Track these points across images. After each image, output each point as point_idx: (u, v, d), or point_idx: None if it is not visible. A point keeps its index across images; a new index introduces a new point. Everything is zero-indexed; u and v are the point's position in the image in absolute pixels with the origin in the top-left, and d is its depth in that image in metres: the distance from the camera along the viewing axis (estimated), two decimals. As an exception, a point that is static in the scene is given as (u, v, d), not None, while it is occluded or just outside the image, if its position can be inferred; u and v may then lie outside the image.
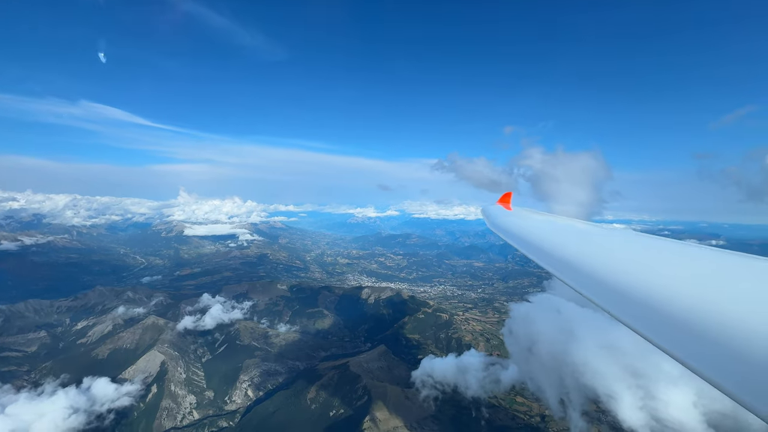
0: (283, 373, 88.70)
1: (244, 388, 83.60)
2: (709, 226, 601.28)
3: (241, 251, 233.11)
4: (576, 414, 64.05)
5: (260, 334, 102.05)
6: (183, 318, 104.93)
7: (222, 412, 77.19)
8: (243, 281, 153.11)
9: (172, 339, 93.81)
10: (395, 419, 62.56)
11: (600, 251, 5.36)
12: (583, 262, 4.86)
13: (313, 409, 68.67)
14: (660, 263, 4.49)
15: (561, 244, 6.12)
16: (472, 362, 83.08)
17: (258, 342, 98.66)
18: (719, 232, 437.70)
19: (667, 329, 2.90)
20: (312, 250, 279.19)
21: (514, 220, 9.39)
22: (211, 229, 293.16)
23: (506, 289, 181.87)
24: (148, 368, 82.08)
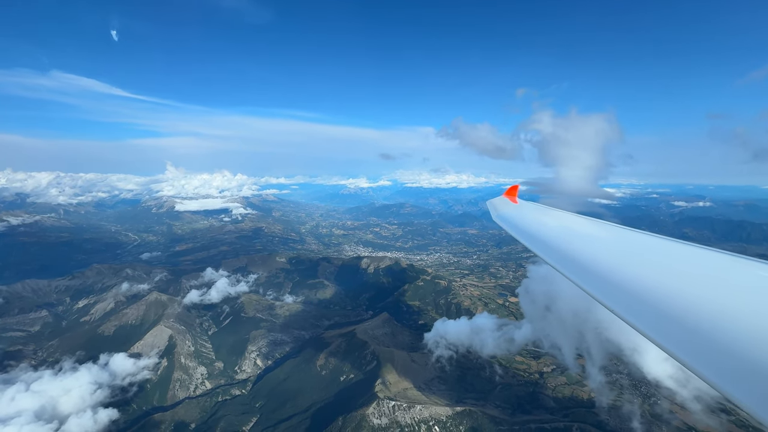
0: (290, 342, 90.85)
1: (253, 358, 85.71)
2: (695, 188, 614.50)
3: (235, 225, 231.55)
4: (595, 369, 67.43)
5: (264, 306, 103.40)
6: (186, 293, 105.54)
7: (233, 381, 79.42)
8: (241, 255, 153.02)
9: (177, 313, 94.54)
10: (404, 381, 65.32)
11: (601, 248, 5.66)
12: (585, 259, 5.14)
13: (324, 375, 71.08)
14: (660, 263, 4.77)
15: (564, 240, 6.33)
16: (486, 323, 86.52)
17: (262, 314, 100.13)
18: (704, 194, 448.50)
19: (666, 327, 3.10)
20: (306, 222, 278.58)
21: (519, 213, 9.44)
22: (202, 204, 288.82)
23: (500, 255, 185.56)
24: (156, 343, 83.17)
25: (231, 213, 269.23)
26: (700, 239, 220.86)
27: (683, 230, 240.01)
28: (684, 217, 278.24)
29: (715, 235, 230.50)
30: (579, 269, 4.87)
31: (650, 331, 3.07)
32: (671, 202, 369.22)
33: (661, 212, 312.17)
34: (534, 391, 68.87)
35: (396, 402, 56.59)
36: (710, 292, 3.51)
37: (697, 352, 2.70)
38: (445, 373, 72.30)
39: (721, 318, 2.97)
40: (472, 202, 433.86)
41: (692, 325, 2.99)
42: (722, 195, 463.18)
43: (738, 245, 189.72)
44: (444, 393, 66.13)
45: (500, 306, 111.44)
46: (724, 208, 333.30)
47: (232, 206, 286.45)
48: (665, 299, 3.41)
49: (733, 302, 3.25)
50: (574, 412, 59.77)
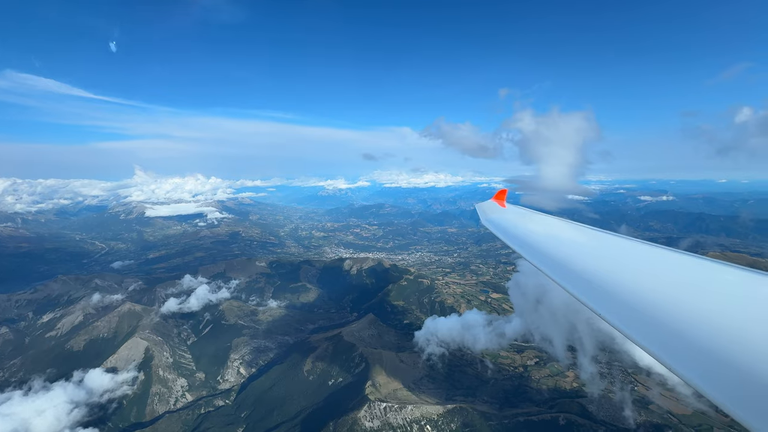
0: (274, 348, 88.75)
1: (236, 367, 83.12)
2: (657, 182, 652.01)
3: (211, 230, 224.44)
4: (586, 359, 69.32)
5: (246, 312, 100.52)
6: (163, 302, 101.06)
7: (216, 391, 76.65)
8: (219, 261, 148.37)
9: (153, 324, 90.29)
10: (394, 382, 65.10)
11: (584, 252, 5.88)
12: (569, 262, 5.38)
13: (311, 380, 69.78)
14: (645, 268, 4.91)
15: (549, 244, 6.47)
16: (477, 319, 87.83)
17: (244, 320, 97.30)
18: (666, 189, 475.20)
19: (650, 331, 3.27)
20: (285, 225, 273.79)
21: (507, 217, 9.74)
22: (175, 209, 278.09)
23: (480, 252, 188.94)
24: (132, 356, 79.09)
25: (206, 217, 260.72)
26: (664, 231, 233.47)
27: (649, 223, 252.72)
28: (649, 211, 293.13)
29: (677, 227, 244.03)
30: (564, 272, 5.08)
31: (637, 335, 3.24)
32: (637, 197, 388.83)
33: (629, 207, 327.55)
34: (520, 385, 70.33)
35: (387, 403, 56.28)
36: (684, 294, 3.83)
37: (673, 350, 2.94)
38: (434, 372, 72.66)
39: (694, 317, 3.27)
40: (450, 201, 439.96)
41: (669, 325, 3.24)
42: (683, 189, 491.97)
43: (698, 236, 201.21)
44: (433, 391, 66.43)
45: (483, 302, 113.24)
46: (684, 201, 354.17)
47: (207, 210, 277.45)
48: (651, 304, 3.62)
49: (705, 303, 3.61)
50: (560, 403, 61.42)
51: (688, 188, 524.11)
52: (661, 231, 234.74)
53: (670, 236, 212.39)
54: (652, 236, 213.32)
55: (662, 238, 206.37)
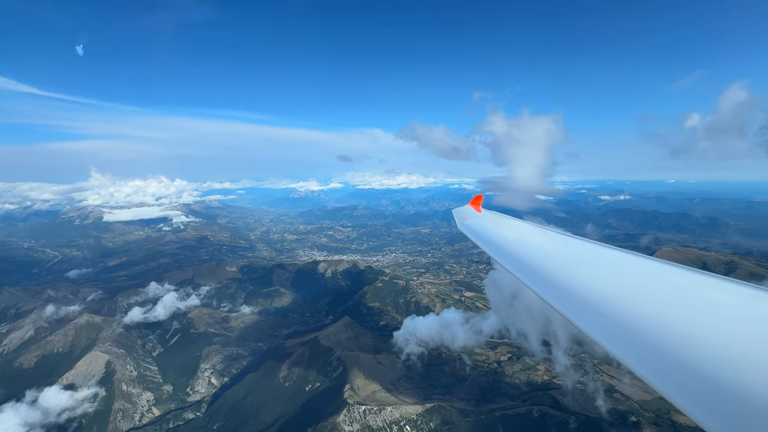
0: (247, 356, 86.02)
1: (207, 377, 79.78)
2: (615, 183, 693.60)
3: (176, 235, 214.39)
4: (560, 352, 72.12)
5: (216, 319, 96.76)
6: (125, 312, 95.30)
7: (186, 404, 73.13)
8: (185, 267, 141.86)
9: (115, 336, 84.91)
10: (373, 384, 64.88)
11: (555, 258, 6.10)
12: (543, 267, 5.58)
13: (288, 387, 68.16)
14: (607, 271, 5.20)
15: (522, 250, 6.71)
16: (454, 317, 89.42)
17: (214, 328, 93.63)
18: (623, 188, 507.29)
19: (619, 335, 3.49)
20: (256, 228, 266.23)
21: (482, 223, 9.94)
22: (136, 213, 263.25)
23: (453, 252, 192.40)
24: (91, 371, 73.92)
25: (171, 222, 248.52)
26: (622, 229, 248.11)
27: (608, 221, 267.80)
28: (608, 210, 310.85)
29: (633, 224, 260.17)
30: (535, 277, 5.31)
31: (607, 342, 3.44)
32: (598, 197, 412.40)
33: (590, 206, 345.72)
34: (495, 380, 72.20)
35: (366, 406, 56.01)
36: (644, 296, 4.11)
37: (633, 351, 3.19)
38: (411, 372, 73.12)
39: (647, 317, 3.56)
40: (422, 202, 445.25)
41: (631, 327, 3.49)
42: (637, 189, 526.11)
43: (652, 233, 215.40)
44: (411, 391, 66.81)
45: (457, 301, 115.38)
46: (639, 200, 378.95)
47: (172, 214, 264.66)
48: (620, 310, 3.83)
49: (656, 303, 3.89)
50: (532, 396, 63.63)
51: (642, 188, 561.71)
52: (620, 228, 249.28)
53: (627, 233, 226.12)
54: (612, 233, 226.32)
55: (621, 235, 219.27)
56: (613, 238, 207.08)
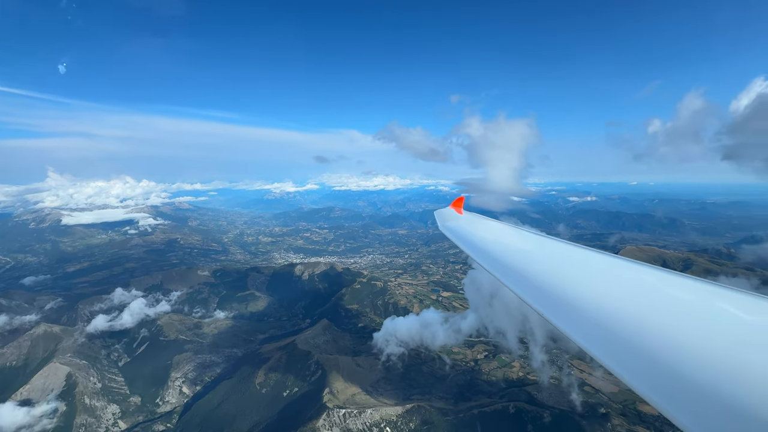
0: (221, 363, 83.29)
1: (178, 386, 76.52)
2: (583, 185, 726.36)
3: (143, 238, 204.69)
4: (537, 349, 74.19)
5: (188, 326, 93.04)
6: (87, 320, 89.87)
7: (155, 415, 69.80)
8: (154, 271, 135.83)
9: (76, 346, 79.86)
10: (352, 387, 64.34)
11: (531, 258, 6.35)
12: (521, 268, 5.83)
13: (265, 393, 66.41)
14: (588, 273, 5.42)
15: (501, 251, 6.96)
16: (434, 317, 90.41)
17: (186, 335, 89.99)
18: (590, 190, 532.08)
19: (591, 331, 3.72)
20: (229, 230, 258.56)
21: (463, 225, 10.07)
22: (99, 216, 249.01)
23: (430, 253, 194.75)
24: (50, 384, 69.14)
25: (137, 224, 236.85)
26: (590, 228, 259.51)
27: (577, 221, 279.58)
28: (577, 211, 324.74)
29: (600, 224, 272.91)
30: (514, 277, 5.50)
31: (583, 340, 3.60)
32: (567, 198, 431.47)
33: (560, 207, 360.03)
34: (472, 378, 73.47)
35: (346, 409, 55.47)
36: (612, 293, 4.37)
37: (603, 346, 3.42)
38: (391, 373, 73.15)
39: (626, 317, 3.75)
40: (399, 203, 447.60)
41: (602, 323, 3.72)
42: (603, 191, 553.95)
43: (617, 232, 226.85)
44: (391, 393, 66.83)
45: (434, 301, 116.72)
46: (604, 201, 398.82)
47: (139, 216, 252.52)
48: (596, 309, 4.02)
49: (624, 300, 4.16)
50: (509, 393, 65.23)
51: (607, 190, 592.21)
52: (587, 228, 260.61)
53: (594, 233, 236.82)
54: (581, 233, 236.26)
55: (589, 234, 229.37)
56: (582, 238, 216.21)
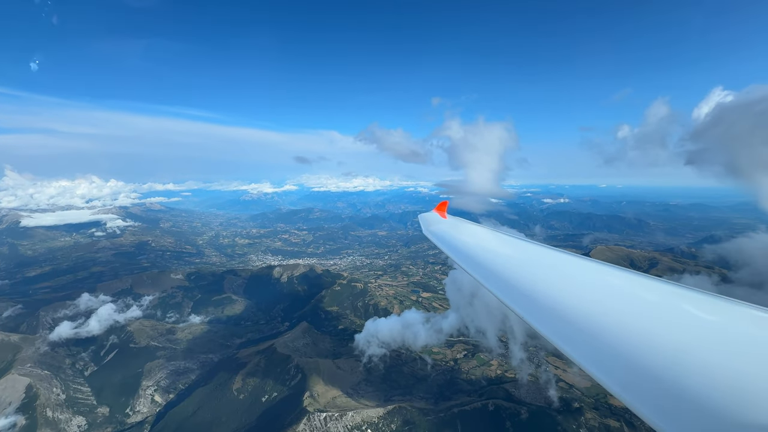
0: (196, 369, 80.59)
1: (149, 395, 73.47)
2: (556, 187, 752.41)
3: (111, 241, 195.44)
4: (517, 346, 75.98)
5: (160, 331, 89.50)
6: (50, 328, 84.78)
7: (125, 426, 66.72)
8: (122, 275, 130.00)
9: (36, 356, 75.16)
10: (333, 390, 63.73)
11: (511, 261, 6.61)
12: (502, 272, 6.07)
13: (242, 399, 64.73)
14: (565, 276, 5.67)
15: (484, 254, 7.21)
16: (415, 317, 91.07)
17: (159, 341, 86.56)
18: (563, 192, 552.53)
19: (569, 334, 3.96)
20: (204, 232, 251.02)
21: (447, 229, 10.27)
22: (62, 217, 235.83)
23: (409, 254, 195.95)
24: (8, 397, 64.71)
25: (104, 226, 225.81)
26: (563, 229, 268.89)
27: (551, 222, 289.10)
28: (551, 212, 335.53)
29: (572, 225, 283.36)
30: (495, 281, 5.71)
31: (562, 342, 3.81)
32: (541, 200, 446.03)
33: (535, 208, 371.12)
34: (452, 378, 74.38)
35: (327, 413, 54.89)
36: (592, 297, 4.64)
37: (580, 347, 3.64)
38: (372, 375, 73.00)
39: (591, 315, 4.04)
40: (379, 204, 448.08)
41: (580, 326, 3.94)
42: (575, 193, 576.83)
43: (588, 233, 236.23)
44: (372, 394, 66.69)
45: (414, 302, 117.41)
46: (576, 203, 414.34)
47: (106, 218, 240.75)
48: (574, 310, 4.27)
49: (597, 302, 4.43)
50: (488, 391, 66.46)
51: (579, 192, 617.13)
52: (561, 229, 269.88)
53: (567, 233, 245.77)
54: (555, 234, 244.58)
55: (562, 235, 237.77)
56: (556, 238, 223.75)
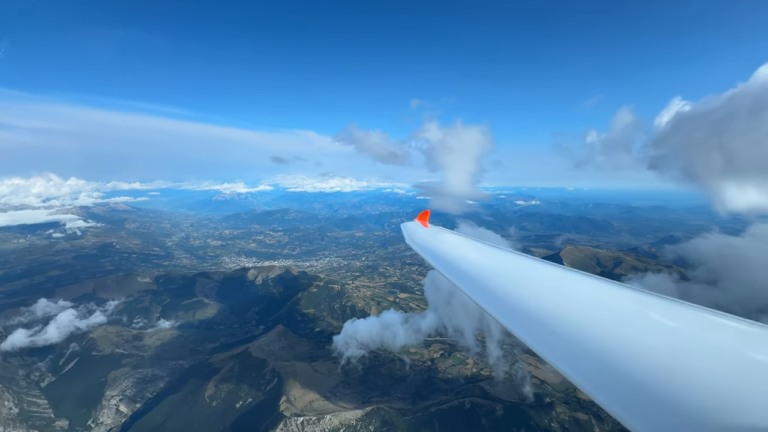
0: (165, 376, 77.26)
1: (114, 405, 69.71)
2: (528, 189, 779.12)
3: (71, 242, 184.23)
4: (493, 345, 77.84)
5: (126, 338, 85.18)
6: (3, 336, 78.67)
7: (87, 439, 63.06)
8: (84, 279, 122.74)
9: (-14, 368, 69.76)
10: (310, 393, 62.84)
11: (492, 271, 6.90)
12: (481, 279, 6.38)
13: (215, 406, 62.61)
14: (540, 284, 5.95)
15: (463, 263, 7.52)
16: (394, 318, 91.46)
17: (124, 348, 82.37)
18: (534, 195, 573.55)
19: (554, 342, 4.22)
20: (173, 233, 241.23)
21: (428, 238, 10.52)
22: (15, 217, 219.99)
23: (387, 255, 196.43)
24: (-48, 413, 59.70)
25: (63, 227, 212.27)
26: (534, 230, 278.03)
27: (523, 224, 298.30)
28: (523, 214, 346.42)
29: (543, 226, 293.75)
30: (475, 288, 5.99)
31: (541, 348, 4.03)
32: (514, 202, 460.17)
33: (508, 210, 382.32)
34: (429, 377, 75.21)
35: (304, 417, 54.05)
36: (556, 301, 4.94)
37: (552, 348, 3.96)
38: (349, 377, 72.60)
39: (563, 320, 4.33)
40: (356, 205, 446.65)
41: (554, 329, 4.25)
42: (545, 195, 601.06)
43: (558, 234, 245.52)
44: (350, 396, 66.30)
45: (392, 303, 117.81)
46: (547, 205, 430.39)
47: (65, 219, 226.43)
48: (554, 317, 4.54)
49: (567, 308, 4.72)
50: (464, 389, 67.65)
51: (549, 194, 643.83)
52: (532, 230, 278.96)
53: (538, 234, 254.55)
54: (527, 234, 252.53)
55: (533, 236, 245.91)
56: (528, 239, 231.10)
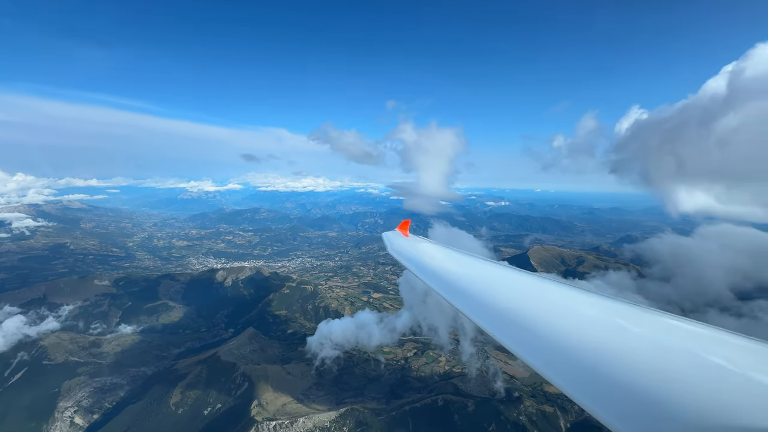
0: (126, 385, 72.98)
1: (68, 417, 65.04)
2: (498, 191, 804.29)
3: (18, 243, 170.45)
4: (467, 342, 79.20)
5: (82, 345, 79.72)
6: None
7: (36, 455, 58.49)
8: (33, 283, 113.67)
9: None
10: (283, 397, 61.49)
11: (471, 279, 7.18)
12: (460, 286, 6.72)
13: (181, 414, 59.88)
14: (515, 290, 6.28)
15: (443, 272, 7.84)
16: (369, 318, 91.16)
17: (79, 356, 77.07)
18: (503, 196, 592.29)
19: (528, 340, 4.57)
20: (135, 233, 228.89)
21: (408, 248, 10.79)
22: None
23: (360, 255, 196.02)
24: None
25: (9, 226, 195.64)
26: (503, 230, 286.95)
27: (493, 224, 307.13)
28: (493, 214, 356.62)
29: (512, 226, 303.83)
30: (456, 294, 6.29)
31: (523, 353, 4.27)
32: (484, 202, 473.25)
33: (479, 210, 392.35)
34: (403, 376, 75.79)
35: (277, 421, 52.85)
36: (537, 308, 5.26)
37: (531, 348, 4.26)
38: (323, 378, 71.81)
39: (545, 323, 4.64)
40: (329, 205, 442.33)
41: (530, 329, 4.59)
42: (514, 196, 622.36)
43: (526, 233, 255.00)
44: (324, 398, 65.57)
45: (366, 303, 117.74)
46: (515, 206, 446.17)
47: (11, 217, 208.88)
48: (534, 322, 4.80)
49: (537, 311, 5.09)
50: (437, 386, 68.73)
51: (518, 195, 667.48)
52: (502, 230, 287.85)
53: (507, 234, 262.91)
54: (497, 234, 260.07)
55: (503, 236, 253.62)
56: (498, 238, 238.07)
